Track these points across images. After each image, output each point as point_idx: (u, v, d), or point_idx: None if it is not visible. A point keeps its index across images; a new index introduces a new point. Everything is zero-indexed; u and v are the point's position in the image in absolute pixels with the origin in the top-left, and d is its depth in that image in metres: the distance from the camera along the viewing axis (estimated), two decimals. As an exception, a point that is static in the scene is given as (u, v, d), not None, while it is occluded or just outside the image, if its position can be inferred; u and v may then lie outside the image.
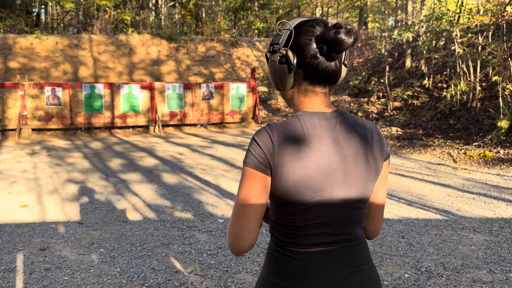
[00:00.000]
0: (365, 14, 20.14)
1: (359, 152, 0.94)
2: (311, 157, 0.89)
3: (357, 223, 0.98)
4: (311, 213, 0.92)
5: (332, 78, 0.96)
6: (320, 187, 0.90)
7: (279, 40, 0.95)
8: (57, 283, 2.69)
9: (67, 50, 15.00)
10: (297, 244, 0.95)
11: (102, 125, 11.57)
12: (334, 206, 0.93)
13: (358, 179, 0.94)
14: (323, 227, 0.94)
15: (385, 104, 11.40)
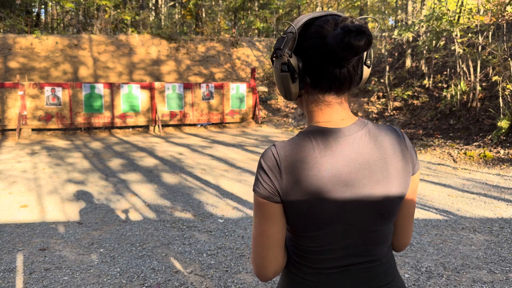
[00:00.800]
0: (365, 14, 20.14)
1: (383, 170, 0.84)
2: (324, 181, 0.80)
3: (382, 244, 0.90)
4: (330, 238, 0.85)
5: (345, 85, 0.84)
6: (337, 212, 0.82)
7: (281, 44, 0.84)
8: (57, 283, 2.68)
9: (67, 50, 15.00)
10: (313, 267, 0.88)
11: (102, 125, 11.57)
12: (355, 229, 0.85)
13: (382, 199, 0.84)
14: (343, 250, 0.87)
15: (385, 104, 11.40)
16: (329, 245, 0.86)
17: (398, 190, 0.85)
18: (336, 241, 0.85)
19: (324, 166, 0.80)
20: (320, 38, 0.80)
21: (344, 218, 0.83)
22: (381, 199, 0.84)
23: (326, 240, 0.85)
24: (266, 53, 17.88)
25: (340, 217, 0.83)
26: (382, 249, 0.90)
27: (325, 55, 0.79)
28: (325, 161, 0.80)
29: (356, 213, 0.83)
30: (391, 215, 0.87)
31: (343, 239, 0.86)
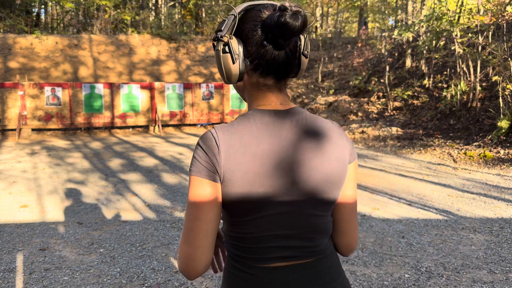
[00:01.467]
0: (365, 14, 20.14)
1: (319, 154, 0.84)
2: (262, 162, 0.80)
3: (322, 233, 0.88)
4: (267, 223, 0.83)
5: (283, 69, 0.85)
6: (274, 194, 0.81)
7: (222, 27, 0.84)
8: (57, 283, 2.68)
9: (67, 50, 15.00)
10: (255, 259, 0.85)
11: (102, 125, 11.57)
12: (292, 213, 0.84)
13: (318, 183, 0.84)
14: (283, 239, 0.84)
15: (385, 104, 11.40)
16: (268, 230, 0.83)
17: (334, 175, 0.86)
18: (275, 226, 0.83)
19: (262, 146, 0.81)
20: (258, 21, 0.82)
21: (282, 199, 0.82)
22: (319, 181, 0.84)
23: (264, 225, 0.83)
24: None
25: (277, 198, 0.82)
26: (323, 239, 0.89)
27: (263, 36, 0.82)
28: (263, 141, 0.81)
29: (294, 195, 0.83)
30: (329, 198, 0.86)
31: (283, 224, 0.84)
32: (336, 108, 12.48)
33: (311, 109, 13.19)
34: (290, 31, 0.78)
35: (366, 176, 5.88)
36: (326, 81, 15.30)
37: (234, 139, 0.81)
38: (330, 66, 16.21)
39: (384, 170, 6.27)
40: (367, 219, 3.99)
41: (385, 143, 8.93)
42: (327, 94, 14.18)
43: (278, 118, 0.84)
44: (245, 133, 0.81)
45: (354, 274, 2.82)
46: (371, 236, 3.55)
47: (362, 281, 2.72)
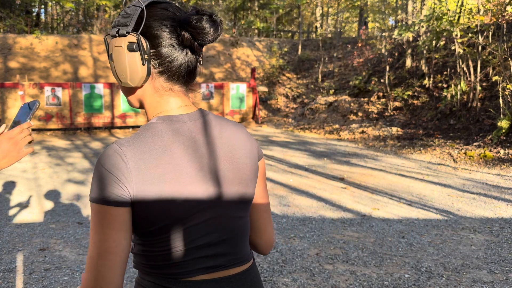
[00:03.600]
0: (365, 14, 20.14)
1: (232, 154, 0.82)
2: (179, 171, 0.74)
3: (243, 236, 0.85)
4: (190, 235, 0.77)
5: (192, 74, 0.80)
6: (190, 205, 0.75)
7: (127, 21, 0.74)
8: (56, 283, 2.68)
9: (67, 50, 15.00)
10: (175, 273, 0.77)
11: (102, 125, 11.57)
12: (217, 219, 0.79)
13: (232, 184, 0.81)
14: (207, 248, 0.79)
15: (385, 104, 11.40)
16: (191, 242, 0.77)
17: (248, 172, 0.84)
18: (198, 237, 0.77)
19: (174, 154, 0.75)
20: (170, 20, 0.76)
21: (204, 206, 0.77)
22: (237, 181, 0.81)
23: (188, 237, 0.76)
24: (266, 53, 17.88)
25: (200, 206, 0.77)
26: (245, 242, 0.86)
27: (177, 39, 0.76)
28: (176, 149, 0.75)
29: (216, 199, 0.79)
30: (248, 197, 0.84)
31: (208, 232, 0.78)
32: (336, 108, 12.48)
33: (311, 109, 13.20)
34: (209, 37, 0.74)
35: (366, 176, 5.88)
36: (326, 81, 15.30)
37: (143, 153, 0.72)
38: (330, 66, 16.21)
39: (384, 170, 6.26)
40: (367, 219, 3.99)
41: (385, 143, 8.93)
42: (327, 94, 14.18)
43: (186, 122, 0.78)
44: (153, 144, 0.74)
45: (354, 274, 2.82)
46: (371, 236, 3.54)
47: (362, 281, 2.72)
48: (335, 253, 3.17)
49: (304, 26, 25.10)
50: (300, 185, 5.31)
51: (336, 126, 11.23)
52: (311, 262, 3.02)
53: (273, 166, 6.58)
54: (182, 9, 0.79)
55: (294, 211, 4.24)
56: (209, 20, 0.73)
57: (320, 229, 3.72)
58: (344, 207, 4.40)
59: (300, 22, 21.35)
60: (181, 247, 0.77)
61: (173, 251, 0.76)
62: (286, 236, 3.54)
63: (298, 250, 3.23)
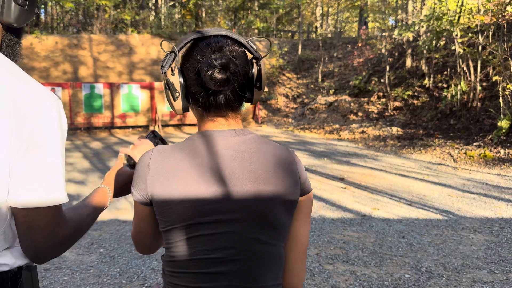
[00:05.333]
0: (366, 14, 20.13)
1: (257, 175, 0.80)
2: (185, 178, 0.78)
3: (264, 264, 0.80)
4: (199, 244, 0.78)
5: (223, 108, 0.83)
6: (198, 209, 0.77)
7: (164, 61, 0.83)
8: (56, 283, 2.68)
9: (66, 49, 15.00)
10: (184, 286, 0.79)
11: (102, 125, 11.57)
12: (225, 235, 0.78)
13: (257, 203, 0.79)
14: (214, 263, 0.78)
15: (386, 104, 11.40)
16: (199, 253, 0.78)
17: (276, 197, 0.80)
18: (209, 249, 0.78)
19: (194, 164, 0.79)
20: (197, 63, 0.81)
21: (218, 218, 0.77)
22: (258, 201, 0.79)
23: (196, 246, 0.78)
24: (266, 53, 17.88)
25: (206, 213, 0.77)
26: (267, 277, 0.80)
27: (199, 84, 0.81)
28: (195, 160, 0.79)
29: (231, 213, 0.78)
30: (272, 222, 0.80)
31: (219, 246, 0.78)
32: (336, 108, 12.48)
33: (311, 109, 13.19)
34: (218, 85, 0.77)
35: (366, 176, 5.88)
36: (326, 81, 15.30)
37: (166, 161, 0.79)
38: (330, 66, 16.21)
39: (384, 170, 6.26)
40: (367, 219, 3.99)
41: (385, 143, 8.93)
42: (327, 94, 14.18)
43: (217, 140, 0.82)
44: (180, 154, 0.80)
45: (354, 274, 2.82)
46: (371, 236, 3.54)
47: (362, 281, 2.72)
48: (335, 253, 3.17)
49: (304, 26, 25.10)
50: (300, 185, 5.30)
51: (336, 126, 11.23)
52: (311, 262, 3.02)
53: (273, 166, 6.58)
54: (216, 46, 0.81)
55: (294, 211, 4.24)
56: (219, 71, 0.77)
57: (320, 229, 3.71)
58: (344, 207, 4.40)
59: (300, 22, 21.35)
60: (189, 256, 0.79)
61: (181, 258, 0.79)
62: (286, 236, 3.54)
63: (298, 250, 3.22)
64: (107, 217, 4.07)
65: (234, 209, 0.78)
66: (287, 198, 0.81)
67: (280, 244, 0.83)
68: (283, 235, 0.83)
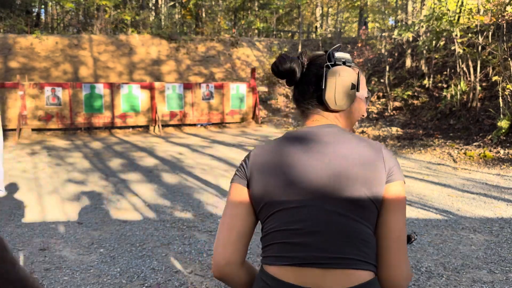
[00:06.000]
0: (365, 14, 20.13)
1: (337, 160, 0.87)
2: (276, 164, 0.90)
3: (345, 236, 0.83)
4: (282, 217, 0.86)
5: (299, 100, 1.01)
6: (285, 189, 0.87)
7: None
8: (57, 283, 2.68)
9: (67, 50, 15.00)
10: (266, 257, 0.88)
11: (102, 125, 11.57)
12: (305, 209, 0.85)
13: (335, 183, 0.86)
14: (294, 234, 0.84)
15: (385, 104, 11.40)
16: (282, 225, 0.86)
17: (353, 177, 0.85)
18: (288, 221, 0.85)
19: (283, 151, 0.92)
20: None
21: (295, 194, 0.86)
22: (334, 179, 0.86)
23: (280, 219, 0.87)
24: (266, 53, 17.88)
25: (291, 191, 0.87)
26: (349, 249, 0.82)
27: None
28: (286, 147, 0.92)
29: (308, 189, 0.86)
30: (348, 196, 0.84)
31: (297, 220, 0.85)
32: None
33: (311, 109, 13.19)
34: (275, 73, 0.96)
35: (366, 176, 5.88)
36: (326, 81, 15.29)
37: (267, 149, 0.94)
38: (330, 66, 16.20)
39: (384, 170, 6.26)
40: (367, 219, 3.99)
41: (385, 143, 8.93)
42: (327, 94, 14.17)
43: (310, 132, 0.94)
44: (276, 142, 0.95)
45: (354, 274, 2.82)
46: (371, 236, 3.55)
47: (362, 281, 2.72)
48: (335, 253, 3.17)
49: (304, 26, 25.09)
50: (300, 185, 5.31)
51: (336, 126, 11.23)
52: (311, 262, 3.02)
53: (273, 166, 6.59)
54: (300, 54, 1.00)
55: (294, 211, 4.24)
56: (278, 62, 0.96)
57: (320, 229, 3.71)
58: (344, 207, 4.40)
59: (300, 22, 21.35)
60: (274, 228, 0.87)
61: (269, 231, 0.89)
62: (286, 236, 3.54)
63: (298, 250, 3.23)
64: (107, 217, 4.07)
65: (311, 184, 0.86)
66: (369, 183, 0.86)
67: (363, 222, 0.85)
68: (366, 215, 0.85)
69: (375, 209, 0.86)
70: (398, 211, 0.86)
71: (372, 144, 0.92)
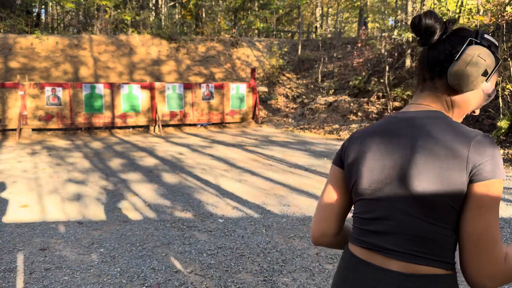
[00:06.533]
0: (365, 14, 20.14)
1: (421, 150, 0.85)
2: (364, 150, 0.93)
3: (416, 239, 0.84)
4: (367, 206, 0.92)
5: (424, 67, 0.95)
6: (366, 177, 0.91)
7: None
8: (57, 283, 2.69)
9: (67, 50, 15.01)
10: (351, 237, 0.97)
11: (102, 125, 11.58)
12: (382, 202, 0.89)
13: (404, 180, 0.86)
14: (370, 222, 0.91)
15: (385, 104, 11.41)
16: (365, 213, 0.92)
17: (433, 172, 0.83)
18: (366, 210, 0.92)
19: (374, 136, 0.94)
20: None
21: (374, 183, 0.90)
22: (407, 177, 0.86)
23: (358, 207, 0.95)
24: (266, 53, 17.89)
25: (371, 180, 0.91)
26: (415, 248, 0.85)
27: None
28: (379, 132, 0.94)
29: (388, 186, 0.89)
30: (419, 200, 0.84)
31: (372, 209, 0.91)
32: (336, 108, 12.49)
33: (311, 109, 13.20)
34: (413, 25, 0.91)
35: (366, 176, 5.89)
36: (326, 81, 15.31)
37: (362, 132, 0.97)
38: (330, 66, 16.22)
39: (384, 170, 6.27)
40: (366, 219, 4.00)
41: (385, 143, 8.94)
42: (327, 94, 14.19)
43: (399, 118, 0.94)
44: (374, 125, 0.97)
45: (353, 273, 2.83)
46: (370, 236, 3.56)
47: (362, 280, 2.73)
48: (335, 253, 3.18)
49: (304, 26, 25.10)
50: (300, 185, 5.32)
51: (336, 126, 11.24)
52: (311, 261, 3.03)
53: (273, 166, 6.59)
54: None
55: (294, 211, 4.25)
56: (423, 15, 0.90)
57: (320, 229, 3.72)
58: (343, 207, 4.41)
59: (300, 22, 21.36)
60: (355, 214, 0.96)
61: (353, 215, 0.98)
62: (286, 235, 3.55)
63: (298, 250, 3.24)
64: (108, 216, 4.08)
65: (382, 179, 0.89)
66: (445, 182, 0.82)
67: (433, 222, 0.84)
68: (438, 214, 0.84)
69: (452, 209, 0.84)
70: (480, 214, 0.82)
71: (464, 137, 0.84)
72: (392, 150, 0.89)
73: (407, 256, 0.86)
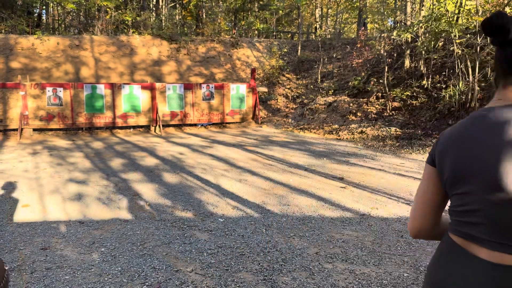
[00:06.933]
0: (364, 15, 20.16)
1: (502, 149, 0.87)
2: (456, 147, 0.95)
3: (508, 230, 0.87)
4: (462, 199, 0.95)
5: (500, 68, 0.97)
6: (458, 172, 0.94)
7: None
8: (58, 282, 2.71)
9: (68, 50, 15.04)
10: (450, 227, 1.00)
11: (103, 125, 11.61)
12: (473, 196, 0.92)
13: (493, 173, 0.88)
14: (461, 215, 0.95)
15: (384, 104, 11.43)
16: (457, 207, 0.97)
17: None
18: (460, 203, 0.96)
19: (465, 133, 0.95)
20: None
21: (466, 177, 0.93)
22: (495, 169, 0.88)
23: (454, 200, 0.98)
24: (266, 54, 17.91)
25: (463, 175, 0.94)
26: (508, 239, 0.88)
27: None
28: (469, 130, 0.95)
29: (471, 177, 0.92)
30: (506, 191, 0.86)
31: (466, 203, 0.94)
32: (335, 108, 12.52)
33: (310, 109, 13.22)
34: (484, 25, 0.93)
35: (365, 175, 5.91)
36: (326, 82, 15.33)
37: (453, 130, 0.99)
38: (330, 66, 16.25)
39: (383, 170, 6.29)
40: (366, 219, 4.02)
41: (384, 143, 8.96)
42: (327, 94, 14.21)
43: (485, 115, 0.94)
44: (461, 123, 0.99)
45: (353, 273, 2.85)
46: (370, 235, 3.58)
47: (361, 280, 2.75)
48: (335, 252, 3.21)
49: (303, 27, 25.12)
50: (299, 185, 5.34)
51: (335, 126, 11.26)
52: (311, 261, 3.05)
53: (273, 166, 6.61)
54: None
55: (294, 211, 4.27)
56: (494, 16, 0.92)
57: (320, 228, 3.75)
58: (343, 206, 4.43)
59: (299, 23, 21.38)
60: (450, 208, 1.01)
61: (449, 208, 1.03)
62: (286, 235, 3.57)
63: (297, 249, 3.26)
64: (108, 216, 4.11)
65: (474, 173, 0.92)
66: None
67: None
68: None
69: None
70: None
71: None
72: (482, 147, 0.91)
73: (495, 245, 0.90)
